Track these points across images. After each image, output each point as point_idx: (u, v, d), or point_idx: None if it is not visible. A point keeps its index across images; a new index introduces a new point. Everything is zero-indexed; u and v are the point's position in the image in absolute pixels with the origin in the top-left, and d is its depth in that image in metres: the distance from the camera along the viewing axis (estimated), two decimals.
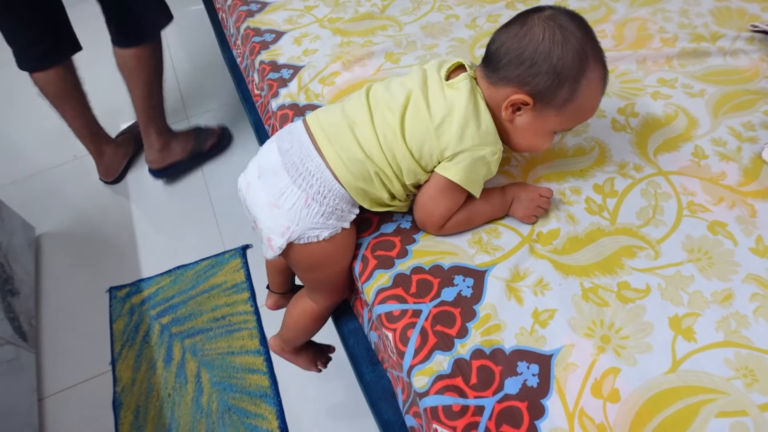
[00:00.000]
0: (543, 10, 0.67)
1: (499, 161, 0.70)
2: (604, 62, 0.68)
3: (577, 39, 0.64)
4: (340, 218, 0.70)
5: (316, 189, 0.68)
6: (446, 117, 0.66)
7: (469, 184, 0.68)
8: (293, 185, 0.68)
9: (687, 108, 0.88)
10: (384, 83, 0.72)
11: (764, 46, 1.00)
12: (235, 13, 1.19)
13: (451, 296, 0.67)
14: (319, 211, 0.68)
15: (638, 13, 1.06)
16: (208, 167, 1.72)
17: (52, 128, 1.91)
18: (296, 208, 0.68)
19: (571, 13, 0.67)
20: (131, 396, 1.24)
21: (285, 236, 0.69)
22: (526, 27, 0.65)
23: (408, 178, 0.69)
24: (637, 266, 0.69)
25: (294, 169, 0.68)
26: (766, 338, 0.63)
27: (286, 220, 0.69)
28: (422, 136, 0.67)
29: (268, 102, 1.00)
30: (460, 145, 0.66)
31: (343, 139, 0.68)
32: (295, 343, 0.96)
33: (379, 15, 1.11)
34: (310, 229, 0.69)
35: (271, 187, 0.70)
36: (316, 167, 0.68)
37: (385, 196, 0.70)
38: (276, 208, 0.69)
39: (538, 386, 0.60)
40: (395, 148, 0.67)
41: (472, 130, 0.66)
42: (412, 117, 0.67)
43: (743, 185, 0.78)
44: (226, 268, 1.45)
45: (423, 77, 0.70)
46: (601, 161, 0.81)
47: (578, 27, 0.65)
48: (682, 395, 0.59)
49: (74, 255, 1.55)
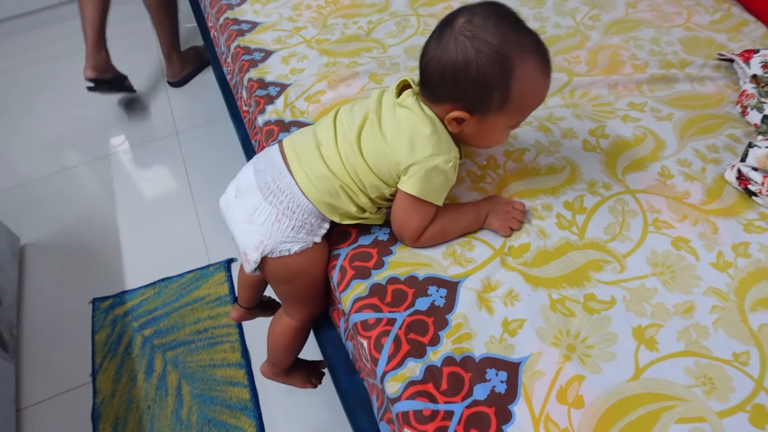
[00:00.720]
0: (457, 17, 0.66)
1: (456, 168, 0.71)
2: (534, 50, 0.66)
3: (491, 45, 0.63)
4: (309, 232, 0.74)
5: (285, 204, 0.72)
6: (395, 134, 0.69)
7: (427, 195, 0.71)
8: (265, 202, 0.73)
9: (655, 130, 0.92)
10: (350, 105, 0.76)
11: (730, 74, 1.06)
12: (227, 32, 1.23)
13: (424, 306, 0.70)
14: (289, 225, 0.72)
15: (612, 40, 1.12)
16: (194, 180, 1.74)
17: (41, 139, 1.93)
18: (268, 223, 0.73)
19: (488, 9, 0.66)
20: (111, 408, 1.24)
21: (259, 250, 0.74)
22: (441, 45, 0.65)
23: (372, 192, 0.72)
24: (603, 279, 0.72)
25: (266, 187, 0.73)
26: (724, 348, 0.66)
27: (259, 234, 0.73)
28: (377, 154, 0.70)
29: (255, 118, 1.04)
30: (411, 158, 0.68)
31: (311, 158, 0.72)
32: (283, 365, 0.98)
33: (365, 37, 1.16)
34: (281, 242, 0.73)
35: (246, 205, 0.75)
36: (286, 184, 0.72)
37: (353, 209, 0.73)
38: (250, 224, 0.74)
39: (505, 392, 0.62)
40: (356, 165, 0.71)
41: (421, 142, 0.68)
42: (367, 136, 0.71)
43: (706, 204, 0.82)
44: (210, 281, 1.46)
45: (379, 99, 0.73)
46: (572, 180, 0.85)
47: (494, 28, 0.64)
48: (643, 402, 0.61)
49: (59, 266, 1.55)
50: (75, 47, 1.50)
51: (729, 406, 0.61)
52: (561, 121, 0.94)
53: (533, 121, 0.94)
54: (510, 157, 0.88)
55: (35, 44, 2.39)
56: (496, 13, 0.66)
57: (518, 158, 0.88)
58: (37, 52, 2.34)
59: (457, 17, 0.66)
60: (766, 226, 0.79)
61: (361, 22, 1.20)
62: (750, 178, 0.82)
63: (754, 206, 0.82)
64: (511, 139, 0.91)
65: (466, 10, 0.66)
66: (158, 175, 1.81)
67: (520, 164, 0.87)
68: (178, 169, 1.80)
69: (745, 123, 0.94)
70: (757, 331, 0.67)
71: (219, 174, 1.74)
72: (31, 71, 2.24)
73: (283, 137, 0.93)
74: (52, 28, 2.45)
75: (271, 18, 1.23)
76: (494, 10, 0.66)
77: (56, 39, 2.39)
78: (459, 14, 0.66)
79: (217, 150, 1.82)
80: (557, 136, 0.92)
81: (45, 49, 2.35)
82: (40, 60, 2.28)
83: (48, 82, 2.18)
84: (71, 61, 2.25)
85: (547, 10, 1.21)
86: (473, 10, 0.66)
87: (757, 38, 1.12)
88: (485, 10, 0.66)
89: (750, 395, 0.62)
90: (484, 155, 0.89)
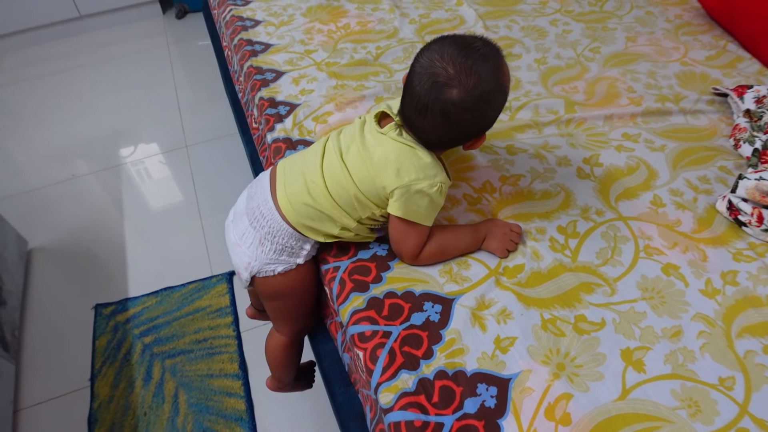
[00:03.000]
0: (415, 68, 0.69)
1: (443, 192, 0.73)
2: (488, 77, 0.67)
3: (443, 99, 0.66)
4: (291, 254, 0.79)
5: (267, 230, 0.77)
6: (381, 160, 0.72)
7: (412, 216, 0.73)
8: (250, 227, 0.79)
9: (648, 161, 0.95)
10: (336, 132, 0.80)
11: (723, 108, 1.09)
12: (240, 52, 1.28)
13: (419, 320, 0.72)
14: (271, 248, 0.78)
15: (610, 72, 1.16)
16: (201, 194, 1.78)
17: (53, 148, 1.98)
18: (253, 246, 0.79)
19: (444, 51, 0.67)
20: (107, 413, 1.25)
21: (247, 270, 0.80)
22: (415, 91, 0.68)
23: (363, 212, 0.75)
24: (594, 301, 0.75)
25: (252, 213, 0.79)
26: (710, 373, 0.68)
27: (246, 257, 0.80)
28: (365, 178, 0.73)
29: (265, 135, 1.07)
30: (397, 182, 0.71)
31: (296, 184, 0.77)
32: (286, 378, 1.03)
33: (373, 62, 1.20)
34: (266, 264, 0.79)
35: (237, 229, 0.81)
36: (268, 210, 0.77)
37: (335, 231, 0.77)
38: (239, 247, 0.80)
39: (495, 407, 0.64)
40: (343, 189, 0.74)
41: (406, 167, 0.71)
42: (354, 161, 0.74)
43: (697, 232, 0.84)
44: (212, 292, 1.48)
45: (362, 127, 0.77)
46: (566, 205, 0.87)
47: (451, 69, 0.66)
48: (629, 421, 0.63)
49: (64, 270, 1.58)
50: (91, 59, 1.55)
51: (713, 429, 0.63)
52: (556, 150, 0.98)
53: (529, 149, 0.98)
54: (506, 182, 0.91)
55: (54, 55, 2.46)
56: (449, 49, 0.67)
57: (514, 183, 0.91)
58: (55, 62, 2.41)
59: (415, 68, 0.68)
60: (755, 256, 0.81)
61: (370, 47, 1.25)
62: (740, 208, 0.85)
63: (744, 236, 0.84)
64: (507, 165, 0.95)
65: (423, 61, 0.68)
66: (166, 186, 1.85)
67: (516, 188, 0.90)
68: (186, 181, 1.84)
69: (736, 155, 0.98)
70: (743, 357, 0.69)
71: (226, 188, 1.78)
72: (48, 81, 2.31)
73: (289, 155, 0.97)
74: (72, 40, 2.53)
75: (284, 40, 1.28)
76: (446, 49, 0.67)
77: (74, 51, 2.47)
78: (416, 67, 0.68)
79: (226, 164, 1.87)
80: (552, 163, 0.95)
81: (63, 61, 2.42)
82: (57, 71, 2.35)
83: (64, 92, 2.24)
84: (86, 72, 2.33)
85: (549, 42, 1.26)
86: (429, 58, 0.67)
87: (751, 74, 1.16)
88: (440, 56, 0.67)
89: (734, 419, 0.64)
90: (480, 179, 0.92)
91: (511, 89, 1.11)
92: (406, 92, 0.71)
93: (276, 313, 0.89)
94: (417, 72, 0.68)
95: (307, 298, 0.86)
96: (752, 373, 0.68)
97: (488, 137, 0.99)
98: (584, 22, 1.34)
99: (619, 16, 1.37)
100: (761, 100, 1.04)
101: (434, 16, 1.36)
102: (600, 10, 1.39)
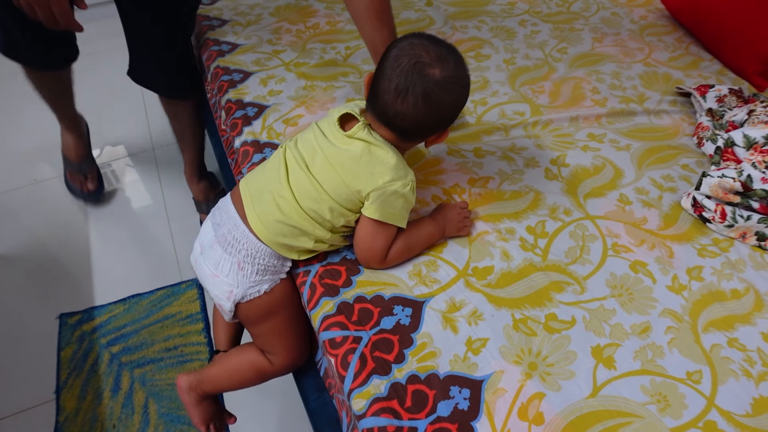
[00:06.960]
0: (390, 53, 0.70)
1: (414, 190, 0.74)
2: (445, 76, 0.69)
3: (427, 78, 0.68)
4: (274, 273, 0.77)
5: (245, 253, 0.74)
6: (352, 163, 0.71)
7: (389, 218, 0.73)
8: (225, 254, 0.75)
9: (614, 160, 0.97)
10: (293, 141, 0.78)
11: (685, 108, 1.12)
12: (207, 52, 1.25)
13: (390, 324, 0.71)
14: (253, 270, 0.75)
15: (576, 73, 1.18)
16: (169, 198, 1.74)
17: (13, 151, 1.90)
18: (232, 273, 0.75)
19: (417, 41, 0.70)
20: (74, 426, 1.21)
21: (230, 299, 0.77)
22: (394, 74, 0.68)
23: (337, 221, 0.73)
24: (564, 300, 0.75)
25: (224, 240, 0.75)
26: (678, 367, 0.69)
27: (227, 285, 0.76)
28: (336, 185, 0.72)
29: (233, 138, 1.05)
30: (372, 185, 0.71)
31: (264, 202, 0.74)
32: (212, 390, 0.89)
33: (342, 62, 1.19)
34: (249, 287, 0.76)
35: (210, 260, 0.77)
36: (241, 234, 0.75)
37: (309, 245, 0.75)
38: (216, 277, 0.77)
39: (468, 409, 0.64)
40: (315, 202, 0.72)
41: (380, 169, 0.71)
42: (320, 171, 0.72)
43: (663, 229, 0.86)
44: (181, 299, 1.45)
45: (322, 132, 0.75)
46: (535, 205, 0.88)
47: (432, 53, 0.68)
48: (601, 418, 0.63)
49: (26, 279, 1.52)
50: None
51: (682, 422, 0.64)
52: (523, 151, 0.98)
53: (497, 151, 0.98)
54: (474, 185, 0.92)
55: None
56: (417, 51, 0.69)
57: (483, 185, 0.92)
58: (16, 64, 2.31)
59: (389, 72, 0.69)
60: (719, 251, 0.83)
61: (339, 47, 1.23)
62: (704, 205, 0.87)
63: (708, 232, 0.86)
64: (475, 167, 0.95)
65: (409, 48, 0.69)
66: (133, 190, 1.80)
67: (485, 189, 0.91)
68: (154, 185, 1.79)
69: (699, 153, 1.00)
70: (709, 351, 0.71)
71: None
72: (9, 83, 2.22)
73: (257, 158, 0.95)
74: None
75: (251, 40, 1.26)
76: (416, 51, 0.69)
77: None
78: (391, 70, 0.69)
79: None
80: (520, 165, 0.96)
81: None
82: (18, 72, 2.26)
83: (26, 95, 2.16)
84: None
85: (517, 42, 1.27)
86: (404, 63, 0.68)
87: (711, 74, 1.19)
88: (415, 63, 0.68)
89: (702, 412, 0.65)
90: (449, 183, 0.92)
91: (479, 89, 1.12)
92: (379, 79, 0.70)
93: (269, 339, 0.82)
94: (394, 56, 0.69)
95: (298, 312, 0.82)
96: (718, 367, 0.69)
97: (456, 141, 0.99)
98: (552, 22, 1.35)
99: (585, 17, 1.39)
100: (722, 99, 1.07)
101: (404, 16, 1.36)
102: (567, 11, 1.41)
